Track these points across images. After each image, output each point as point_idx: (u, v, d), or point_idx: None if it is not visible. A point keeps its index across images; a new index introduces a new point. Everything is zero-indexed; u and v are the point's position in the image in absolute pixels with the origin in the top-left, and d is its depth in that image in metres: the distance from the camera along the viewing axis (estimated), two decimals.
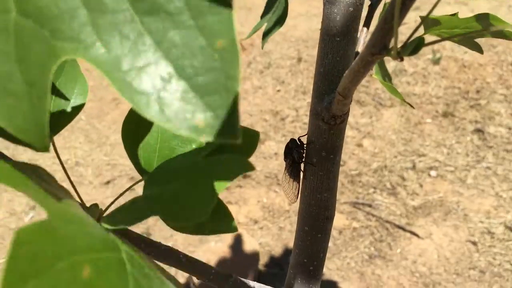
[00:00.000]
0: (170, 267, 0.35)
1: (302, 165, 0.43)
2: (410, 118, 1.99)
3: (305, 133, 0.42)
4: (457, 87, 2.12)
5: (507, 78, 2.13)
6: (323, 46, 0.38)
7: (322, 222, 0.42)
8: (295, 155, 0.43)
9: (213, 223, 0.30)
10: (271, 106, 2.12)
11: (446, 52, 2.25)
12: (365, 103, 2.08)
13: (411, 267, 1.49)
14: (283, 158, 0.46)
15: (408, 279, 1.46)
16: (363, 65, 0.28)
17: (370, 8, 0.42)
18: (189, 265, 0.36)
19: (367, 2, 0.41)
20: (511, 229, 1.57)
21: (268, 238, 1.60)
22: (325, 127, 0.39)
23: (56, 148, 0.33)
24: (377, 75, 0.42)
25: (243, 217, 1.66)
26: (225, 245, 1.53)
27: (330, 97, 0.38)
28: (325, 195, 0.41)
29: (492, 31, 0.33)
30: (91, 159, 1.93)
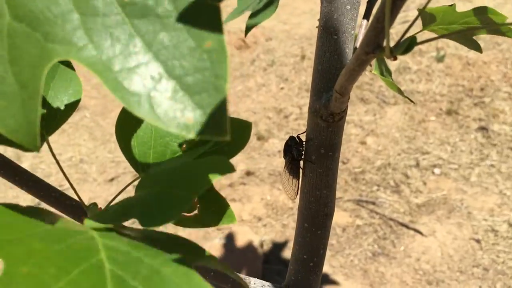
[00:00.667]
0: None
1: (301, 163, 0.44)
2: (414, 115, 1.99)
3: (304, 131, 0.42)
4: (461, 84, 2.11)
5: (511, 76, 2.12)
6: (320, 44, 0.38)
7: (321, 218, 0.43)
8: (295, 152, 0.44)
9: (211, 216, 0.30)
10: (275, 103, 2.12)
11: (450, 49, 2.25)
12: (369, 101, 2.08)
13: (415, 264, 1.49)
14: (282, 156, 0.46)
15: (411, 276, 1.46)
16: (358, 64, 0.29)
17: (368, 4, 0.42)
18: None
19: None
20: None
21: (271, 235, 1.60)
22: (323, 124, 0.39)
23: (51, 147, 0.34)
24: (376, 71, 0.42)
25: (247, 214, 1.67)
26: (229, 242, 1.54)
27: (328, 95, 0.38)
28: (324, 192, 0.42)
29: (489, 28, 0.33)
30: (95, 156, 1.94)
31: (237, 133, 0.34)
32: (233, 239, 1.55)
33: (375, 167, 1.80)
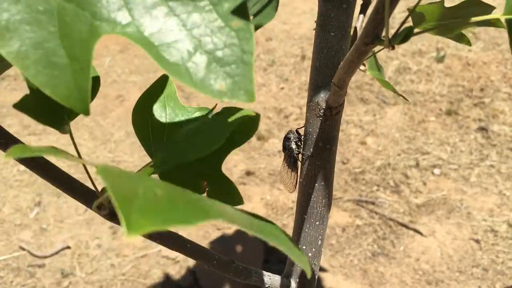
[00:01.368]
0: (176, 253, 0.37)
1: (300, 156, 0.45)
2: (413, 116, 2.00)
3: (303, 125, 0.43)
4: (461, 85, 2.12)
5: (511, 76, 2.12)
6: (318, 41, 0.39)
7: (320, 210, 0.44)
8: (293, 146, 0.45)
9: (219, 198, 0.31)
10: (275, 103, 2.13)
11: (450, 50, 2.25)
12: (369, 101, 2.08)
13: (414, 264, 1.49)
14: (282, 149, 0.48)
15: (411, 276, 1.46)
16: (357, 56, 0.29)
17: (364, 2, 0.43)
18: (193, 251, 0.38)
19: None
20: None
21: None
22: (321, 118, 0.40)
23: (72, 134, 0.35)
24: (370, 71, 0.43)
25: None
26: (228, 242, 1.54)
27: (325, 90, 0.39)
28: (323, 183, 0.43)
29: (477, 21, 0.33)
30: (95, 156, 1.94)
31: (246, 123, 0.37)
32: (233, 239, 1.55)
33: (375, 167, 1.81)
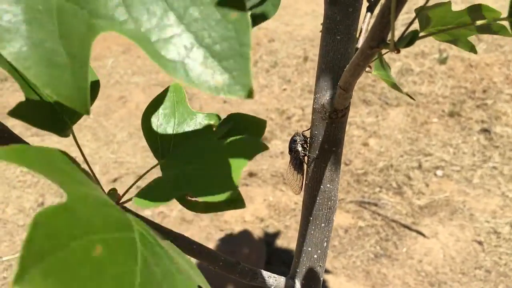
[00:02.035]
0: None
1: (306, 158, 0.45)
2: (416, 117, 2.00)
3: (309, 128, 0.44)
4: (464, 86, 2.12)
5: None
6: (324, 44, 0.39)
7: (325, 212, 0.44)
8: (299, 148, 0.45)
9: (225, 201, 0.32)
10: (277, 105, 2.13)
11: (452, 51, 2.25)
12: (371, 103, 2.08)
13: (417, 266, 1.49)
14: (288, 151, 0.48)
15: (413, 278, 1.46)
16: (363, 59, 0.30)
17: (368, 8, 0.43)
18: (200, 252, 0.38)
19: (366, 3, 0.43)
20: None
21: (274, 236, 1.61)
22: (327, 121, 0.40)
23: (75, 137, 0.35)
24: (376, 72, 0.43)
25: (249, 215, 1.67)
26: (231, 243, 1.54)
27: (331, 92, 0.39)
28: (328, 186, 0.43)
29: (478, 26, 0.33)
30: (98, 156, 1.95)
31: (253, 129, 0.36)
32: (236, 240, 1.55)
33: (378, 168, 1.81)
